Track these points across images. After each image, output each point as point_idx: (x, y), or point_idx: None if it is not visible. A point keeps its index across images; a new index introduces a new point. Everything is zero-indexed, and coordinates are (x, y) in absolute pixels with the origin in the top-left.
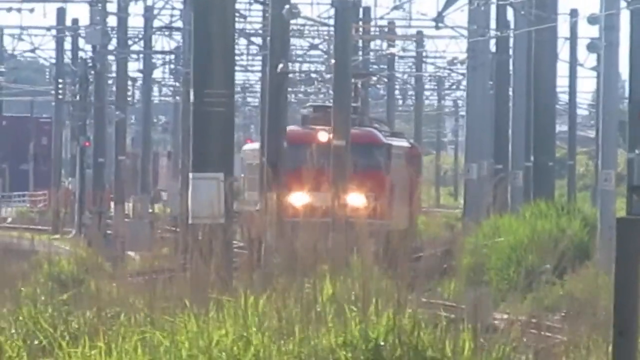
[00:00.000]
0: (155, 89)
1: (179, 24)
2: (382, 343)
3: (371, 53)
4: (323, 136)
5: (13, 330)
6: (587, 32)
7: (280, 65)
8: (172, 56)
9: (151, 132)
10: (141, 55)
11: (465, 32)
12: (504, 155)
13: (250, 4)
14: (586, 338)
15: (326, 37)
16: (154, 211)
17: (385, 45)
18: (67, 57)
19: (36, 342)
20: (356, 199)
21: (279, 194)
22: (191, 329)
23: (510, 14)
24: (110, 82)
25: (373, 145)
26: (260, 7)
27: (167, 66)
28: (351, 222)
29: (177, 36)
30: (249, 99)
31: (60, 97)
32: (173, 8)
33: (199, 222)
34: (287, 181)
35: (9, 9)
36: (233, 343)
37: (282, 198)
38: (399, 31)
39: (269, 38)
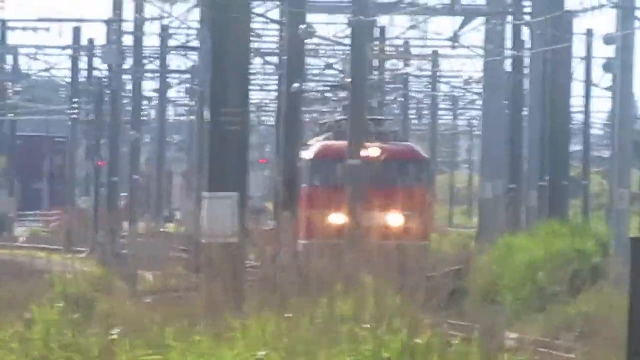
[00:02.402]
0: (171, 108)
1: (195, 43)
2: None
3: (387, 73)
4: (374, 152)
5: (24, 351)
6: (603, 52)
7: (295, 85)
8: (188, 75)
9: (166, 152)
10: (156, 75)
11: (481, 52)
12: (518, 174)
13: (267, 23)
14: (600, 358)
15: (342, 57)
16: (168, 230)
17: (401, 64)
18: (83, 77)
19: None
20: (396, 218)
21: (305, 212)
22: (204, 349)
23: (526, 33)
24: (125, 101)
25: (413, 161)
26: (276, 26)
27: (182, 85)
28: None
29: (193, 56)
30: (264, 118)
31: (75, 116)
32: (189, 28)
33: (212, 241)
34: (321, 200)
35: (24, 29)
36: None
37: (315, 218)
38: (414, 51)
39: (284, 57)
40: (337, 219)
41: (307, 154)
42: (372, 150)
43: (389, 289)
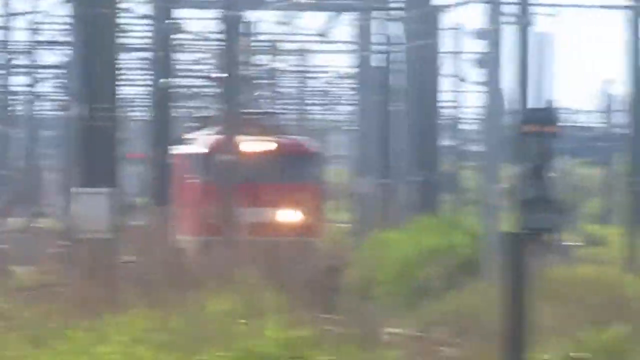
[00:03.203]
0: (41, 103)
1: (67, 38)
2: (270, 357)
3: (257, 68)
4: (261, 146)
5: None
6: (471, 47)
7: (164, 80)
8: (60, 70)
9: (36, 147)
10: (26, 70)
11: (351, 47)
12: (390, 169)
13: (136, 18)
14: (474, 350)
15: (213, 51)
16: (39, 226)
17: (270, 59)
18: None
19: None
20: (287, 214)
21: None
22: (78, 345)
23: (397, 28)
24: None
25: (304, 156)
26: (145, 21)
27: (55, 80)
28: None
29: (66, 50)
30: (137, 113)
31: None
32: (58, 23)
33: (84, 236)
34: (210, 195)
35: None
36: (118, 357)
37: (204, 213)
38: (285, 46)
39: (154, 53)
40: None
41: (196, 148)
42: (260, 145)
43: (267, 285)
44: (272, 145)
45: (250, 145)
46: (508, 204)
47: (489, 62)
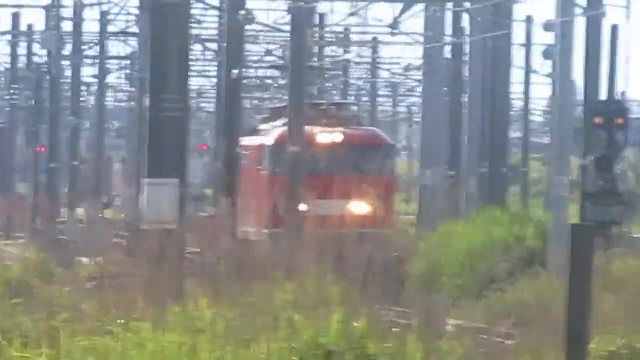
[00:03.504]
0: (110, 94)
1: (135, 29)
2: (333, 349)
3: (326, 59)
4: (337, 136)
5: None
6: (542, 38)
7: (235, 71)
8: (127, 61)
9: (105, 138)
10: (96, 61)
11: (420, 39)
12: (458, 161)
13: (206, 9)
14: (537, 344)
15: (282, 43)
16: (106, 217)
17: (340, 51)
18: (22, 62)
19: None
20: (360, 206)
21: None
22: (141, 335)
23: (466, 20)
24: (64, 87)
25: (379, 147)
26: (216, 12)
27: (122, 71)
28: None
29: (133, 41)
30: (203, 104)
31: (14, 102)
32: (128, 13)
33: (152, 227)
34: (280, 188)
35: None
36: (182, 348)
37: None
38: (354, 37)
39: (224, 44)
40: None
41: (267, 139)
42: (334, 136)
43: (332, 277)
44: (346, 136)
45: (324, 136)
46: (576, 196)
47: (559, 53)
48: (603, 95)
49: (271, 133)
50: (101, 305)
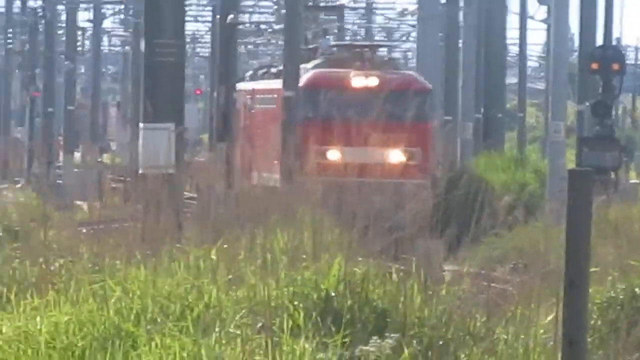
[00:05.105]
0: (105, 39)
1: None
2: (333, 294)
3: (321, 4)
4: (373, 81)
5: None
6: None
7: (230, 16)
8: (122, 6)
9: (100, 82)
10: (91, 5)
11: None
12: (454, 107)
13: None
14: (536, 289)
15: None
16: (103, 161)
17: None
18: (17, 7)
19: None
20: (396, 155)
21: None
22: (142, 278)
23: None
24: (60, 32)
25: (417, 92)
26: None
27: (117, 16)
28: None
29: None
30: (198, 49)
31: (9, 46)
32: None
33: (148, 172)
34: (312, 133)
35: None
36: (185, 292)
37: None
38: None
39: None
40: (332, 154)
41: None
42: (369, 80)
43: (336, 225)
44: (381, 81)
45: (358, 79)
46: (572, 141)
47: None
48: (599, 41)
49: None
50: (100, 249)
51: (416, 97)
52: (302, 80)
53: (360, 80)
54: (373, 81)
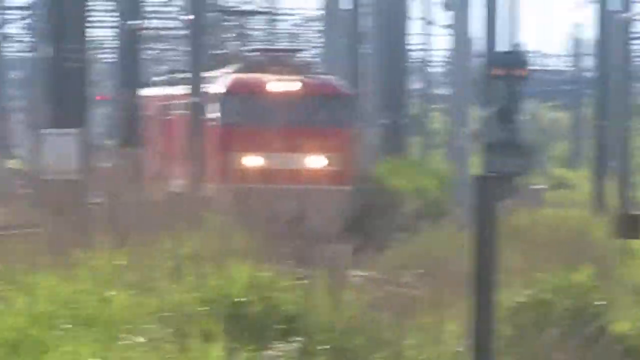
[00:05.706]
0: (10, 44)
1: None
2: (242, 299)
3: (225, 10)
4: (293, 85)
5: None
6: None
7: (132, 22)
8: (28, 12)
9: (5, 88)
10: None
11: None
12: (358, 112)
13: None
14: (442, 294)
15: None
16: (7, 167)
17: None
18: None
19: None
20: (316, 160)
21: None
22: (48, 285)
23: None
24: None
25: (338, 97)
26: None
27: (23, 21)
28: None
29: None
30: (105, 56)
31: None
32: None
33: (53, 177)
34: (233, 139)
35: None
36: (92, 298)
37: (231, 159)
38: None
39: None
40: (253, 160)
41: (213, 88)
42: (289, 85)
43: (242, 230)
44: (300, 86)
45: (275, 85)
46: (476, 147)
47: (457, 5)
48: (501, 47)
49: (217, 81)
50: (5, 254)
51: (336, 102)
52: (222, 86)
53: (280, 85)
54: (294, 86)
